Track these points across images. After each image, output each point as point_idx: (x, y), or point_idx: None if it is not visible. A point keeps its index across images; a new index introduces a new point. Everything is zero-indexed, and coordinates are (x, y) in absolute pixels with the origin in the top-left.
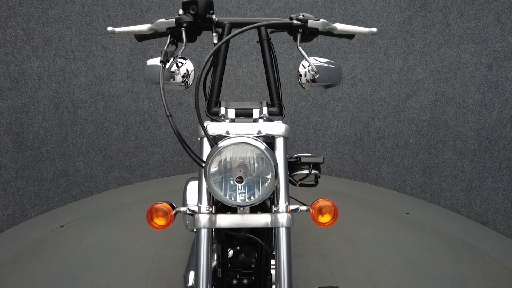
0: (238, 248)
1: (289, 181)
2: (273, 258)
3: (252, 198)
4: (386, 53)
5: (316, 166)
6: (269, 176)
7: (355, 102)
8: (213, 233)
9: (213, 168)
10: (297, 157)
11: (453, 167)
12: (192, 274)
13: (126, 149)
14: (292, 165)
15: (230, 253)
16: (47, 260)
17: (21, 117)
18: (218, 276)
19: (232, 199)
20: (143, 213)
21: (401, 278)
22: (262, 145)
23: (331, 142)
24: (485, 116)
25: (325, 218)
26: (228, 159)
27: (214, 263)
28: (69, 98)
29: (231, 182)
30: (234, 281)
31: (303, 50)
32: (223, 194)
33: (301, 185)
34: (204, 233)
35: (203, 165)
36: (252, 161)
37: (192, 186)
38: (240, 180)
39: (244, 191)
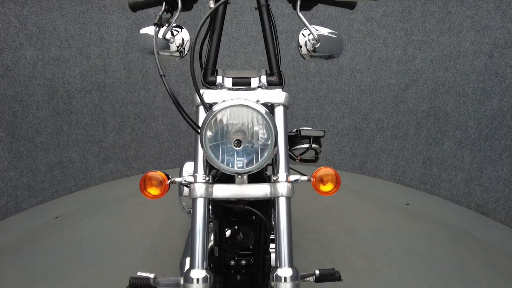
0: (236, 227)
1: (289, 156)
2: (273, 241)
3: (250, 166)
4: (385, 43)
5: (316, 140)
6: (268, 142)
7: (354, 94)
8: (210, 208)
9: (210, 133)
10: (297, 130)
11: (453, 157)
12: (188, 260)
13: (122, 141)
14: (292, 139)
15: (228, 233)
16: (40, 251)
17: (14, 106)
18: (215, 255)
19: (230, 166)
20: (140, 205)
21: (402, 266)
22: (261, 108)
23: (329, 134)
24: (486, 104)
25: (327, 187)
26: (225, 122)
27: (211, 244)
28: (64, 88)
29: (229, 147)
30: (232, 262)
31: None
32: (220, 160)
33: (301, 160)
34: (200, 203)
35: (199, 130)
36: (250, 126)
37: (189, 166)
38: (238, 143)
39: (242, 158)
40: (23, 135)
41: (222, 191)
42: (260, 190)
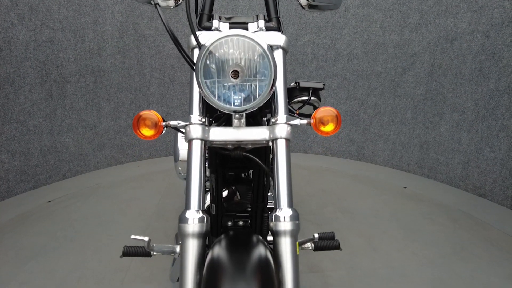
0: (233, 188)
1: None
2: (270, 211)
3: (248, 104)
4: (381, 27)
5: (315, 93)
6: (266, 78)
7: (351, 79)
8: (207, 163)
9: (206, 64)
10: (296, 82)
11: (450, 140)
12: None
13: (117, 127)
14: (291, 93)
15: (225, 193)
16: (33, 232)
17: (6, 87)
18: (212, 214)
19: (227, 105)
20: (135, 190)
21: (401, 244)
22: (258, 38)
23: None
24: (483, 85)
25: (328, 127)
26: (221, 56)
27: (208, 203)
28: (57, 71)
29: (225, 85)
30: (229, 223)
31: None
32: (216, 98)
33: (300, 114)
34: (196, 145)
35: (194, 67)
36: (248, 55)
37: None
38: (235, 75)
39: (239, 97)
40: (15, 117)
41: (219, 134)
42: (258, 134)
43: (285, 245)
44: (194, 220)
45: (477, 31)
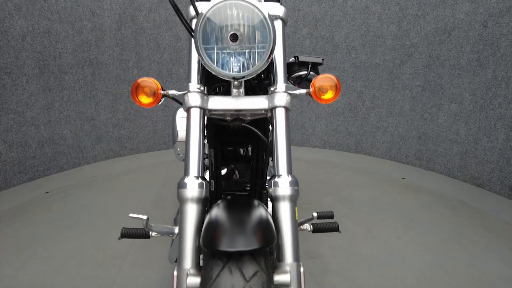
0: (232, 166)
1: None
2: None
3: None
4: (380, 19)
5: (314, 68)
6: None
7: (349, 71)
8: (206, 137)
9: (205, 31)
10: (295, 56)
11: (448, 131)
12: None
13: (115, 120)
14: (290, 67)
15: (224, 171)
16: (30, 222)
17: (3, 78)
18: (211, 190)
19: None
20: (133, 181)
21: (400, 231)
22: (257, 3)
23: (325, 114)
24: (480, 75)
25: (328, 95)
26: (220, 17)
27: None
28: (55, 62)
29: (224, 53)
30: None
31: None
32: (215, 64)
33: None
34: (195, 113)
35: (193, 34)
36: (246, 22)
37: (182, 112)
38: (234, 38)
39: (238, 63)
40: (12, 108)
41: (218, 102)
42: (257, 103)
43: (284, 210)
44: (193, 185)
45: (474, 21)
